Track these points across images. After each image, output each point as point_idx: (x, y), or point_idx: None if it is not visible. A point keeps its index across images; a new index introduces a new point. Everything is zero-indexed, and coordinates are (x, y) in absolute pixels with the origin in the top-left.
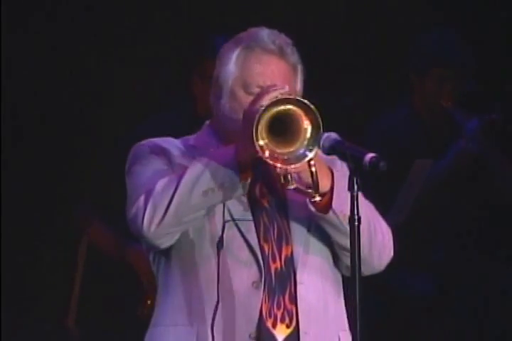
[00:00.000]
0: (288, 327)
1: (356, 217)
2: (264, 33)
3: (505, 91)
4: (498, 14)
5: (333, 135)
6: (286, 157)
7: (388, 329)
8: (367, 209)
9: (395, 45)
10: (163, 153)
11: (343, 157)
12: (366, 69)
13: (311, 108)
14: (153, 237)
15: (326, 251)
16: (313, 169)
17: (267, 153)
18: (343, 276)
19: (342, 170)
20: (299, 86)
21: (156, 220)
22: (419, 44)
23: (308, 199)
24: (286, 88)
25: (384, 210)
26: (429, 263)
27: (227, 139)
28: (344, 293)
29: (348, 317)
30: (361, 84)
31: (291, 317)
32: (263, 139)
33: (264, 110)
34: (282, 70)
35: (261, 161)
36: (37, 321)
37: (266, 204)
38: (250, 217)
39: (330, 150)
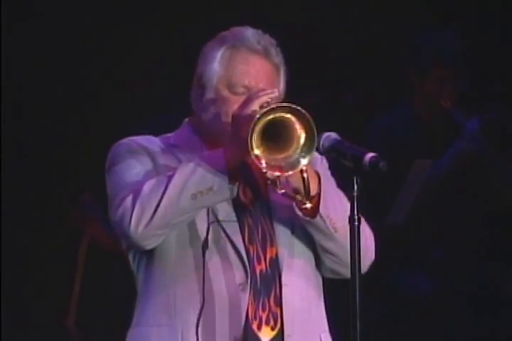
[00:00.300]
0: (273, 329)
1: (356, 217)
2: (249, 33)
3: (505, 91)
4: (498, 14)
5: (333, 135)
6: (282, 164)
7: (388, 329)
8: (350, 212)
9: (395, 45)
10: (145, 152)
11: (343, 157)
12: (366, 69)
13: (305, 115)
14: (140, 238)
15: (308, 254)
16: (304, 175)
17: (263, 162)
18: (323, 279)
19: (322, 167)
20: (281, 86)
21: (144, 222)
22: (419, 44)
23: (294, 204)
24: (276, 92)
25: (384, 210)
26: (429, 263)
27: (209, 138)
28: (324, 296)
29: (348, 317)
30: (361, 84)
31: (276, 320)
32: (257, 147)
33: (259, 119)
34: (267, 70)
35: (245, 163)
36: (37, 321)
37: (250, 206)
38: (235, 219)
39: (330, 150)
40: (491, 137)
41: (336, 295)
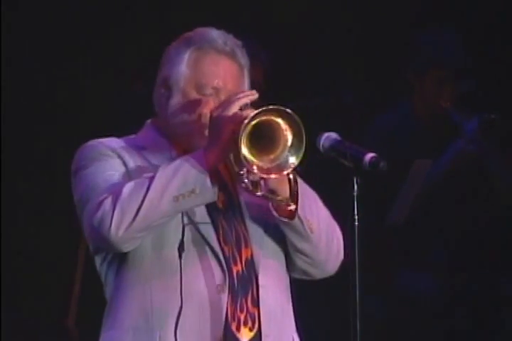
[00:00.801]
0: (251, 330)
1: (356, 217)
2: (216, 34)
3: (505, 90)
4: (497, 14)
5: (333, 135)
6: (272, 165)
7: (388, 329)
8: (323, 212)
9: (395, 45)
10: (115, 154)
11: (343, 157)
12: (366, 69)
13: (292, 116)
14: (120, 242)
15: (280, 254)
16: (291, 176)
17: (255, 167)
18: (291, 280)
19: None
20: (246, 87)
21: (125, 225)
22: (417, 45)
23: (270, 205)
24: (256, 94)
25: (384, 210)
26: (430, 262)
27: (176, 139)
28: (292, 296)
29: (348, 317)
30: (361, 84)
31: (254, 321)
32: (245, 147)
33: (249, 122)
34: (234, 71)
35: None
36: (37, 321)
37: (221, 207)
38: (209, 220)
39: (330, 150)
40: (491, 137)
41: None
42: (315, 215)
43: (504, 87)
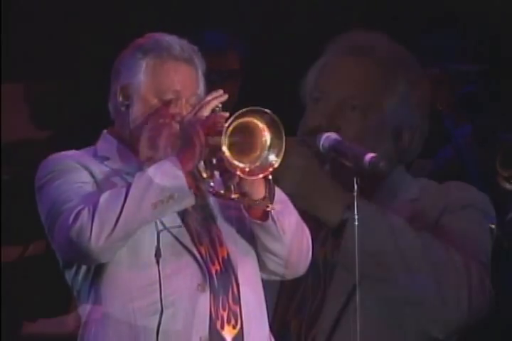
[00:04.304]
0: (234, 327)
1: (356, 217)
2: (171, 41)
3: (504, 94)
4: (497, 15)
5: (333, 135)
6: (254, 166)
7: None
8: (293, 211)
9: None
10: (81, 166)
11: (343, 157)
12: None
13: (269, 115)
14: (100, 252)
15: (253, 251)
16: (269, 177)
17: (239, 172)
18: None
19: None
20: (203, 87)
21: (104, 235)
22: (416, 45)
23: (242, 207)
24: (226, 96)
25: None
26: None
27: (138, 146)
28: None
29: (348, 317)
30: None
31: (236, 318)
32: (227, 151)
33: (227, 127)
34: (192, 76)
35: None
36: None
37: (190, 209)
38: (181, 223)
39: (330, 150)
40: (481, 144)
41: None
42: (286, 215)
43: (503, 90)
